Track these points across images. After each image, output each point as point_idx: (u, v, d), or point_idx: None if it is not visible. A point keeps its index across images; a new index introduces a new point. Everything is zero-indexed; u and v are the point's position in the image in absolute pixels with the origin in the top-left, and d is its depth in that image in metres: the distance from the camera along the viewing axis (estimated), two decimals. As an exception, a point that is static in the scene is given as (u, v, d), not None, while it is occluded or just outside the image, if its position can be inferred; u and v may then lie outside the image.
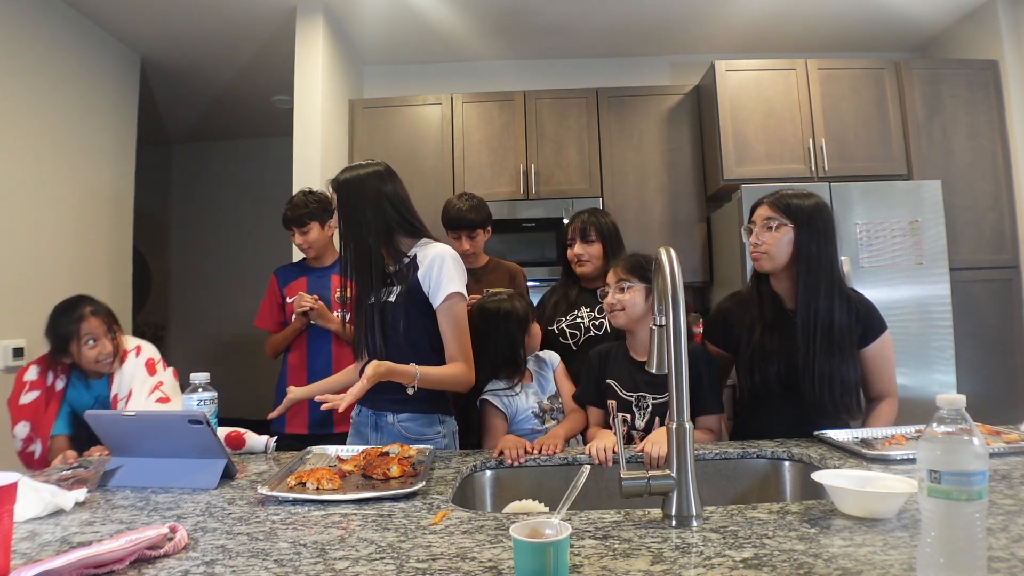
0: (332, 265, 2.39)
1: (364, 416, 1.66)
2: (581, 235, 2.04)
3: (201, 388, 1.48)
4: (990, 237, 3.21)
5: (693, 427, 1.03)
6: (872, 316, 1.60)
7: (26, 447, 1.79)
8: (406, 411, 1.59)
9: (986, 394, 3.06)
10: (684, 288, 1.05)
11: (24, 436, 1.78)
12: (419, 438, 1.57)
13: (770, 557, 0.82)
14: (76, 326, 1.78)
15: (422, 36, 3.59)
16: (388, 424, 1.59)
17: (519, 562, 0.76)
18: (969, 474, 0.69)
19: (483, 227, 2.34)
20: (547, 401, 1.77)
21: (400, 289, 1.59)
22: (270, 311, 2.38)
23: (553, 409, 1.76)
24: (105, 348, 1.81)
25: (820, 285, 1.55)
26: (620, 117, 3.53)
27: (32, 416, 1.78)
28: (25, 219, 2.74)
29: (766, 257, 1.59)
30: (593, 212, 2.10)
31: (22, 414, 1.78)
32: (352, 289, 1.66)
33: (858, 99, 3.29)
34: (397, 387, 1.52)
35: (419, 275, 1.59)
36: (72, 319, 1.78)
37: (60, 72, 2.97)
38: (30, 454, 1.79)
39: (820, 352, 1.52)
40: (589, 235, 2.03)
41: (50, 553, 0.91)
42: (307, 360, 2.29)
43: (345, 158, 3.52)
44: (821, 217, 1.58)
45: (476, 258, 2.38)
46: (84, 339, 1.78)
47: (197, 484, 1.24)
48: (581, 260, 2.04)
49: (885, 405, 1.60)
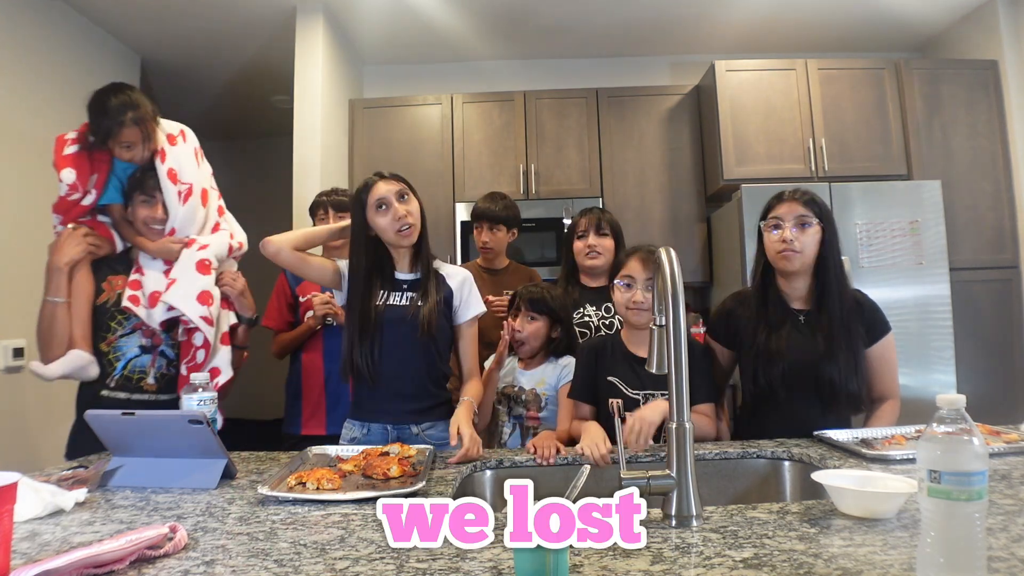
0: None
1: (376, 432, 1.61)
2: (596, 228, 2.04)
3: (201, 388, 1.48)
4: (990, 237, 3.21)
5: (693, 427, 1.03)
6: (877, 316, 1.61)
7: (71, 194, 1.68)
8: (427, 420, 1.61)
9: (986, 394, 3.06)
10: (684, 288, 1.05)
11: (70, 182, 1.66)
12: (443, 443, 1.56)
13: (770, 557, 0.82)
14: (118, 130, 1.67)
15: (422, 36, 3.59)
16: (413, 435, 1.59)
17: (519, 562, 0.76)
18: (969, 474, 0.69)
19: (504, 223, 2.35)
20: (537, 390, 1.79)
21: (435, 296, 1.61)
22: (279, 310, 2.31)
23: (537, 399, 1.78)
24: (138, 153, 1.71)
25: (842, 283, 1.57)
26: (620, 117, 3.53)
27: (76, 166, 1.67)
28: (25, 219, 2.74)
29: (799, 256, 1.54)
30: (603, 210, 2.15)
31: (66, 163, 1.67)
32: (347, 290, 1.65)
33: (858, 99, 3.30)
34: (417, 397, 1.59)
35: (453, 290, 1.66)
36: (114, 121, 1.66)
37: (60, 71, 2.97)
38: (73, 203, 1.69)
39: (849, 347, 1.53)
40: (603, 228, 2.04)
41: (50, 553, 0.90)
42: (323, 361, 2.23)
43: (345, 158, 3.52)
44: (832, 217, 1.61)
45: (498, 258, 2.40)
46: (122, 143, 1.69)
47: (197, 484, 1.24)
48: (594, 252, 2.02)
49: (887, 406, 1.60)
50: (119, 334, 1.67)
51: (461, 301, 1.66)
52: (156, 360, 1.70)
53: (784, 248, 1.54)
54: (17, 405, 2.65)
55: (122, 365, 1.66)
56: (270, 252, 1.59)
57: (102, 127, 1.67)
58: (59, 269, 1.60)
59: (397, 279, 1.65)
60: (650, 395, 1.59)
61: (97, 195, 1.71)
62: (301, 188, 3.13)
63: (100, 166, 1.71)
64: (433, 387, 1.63)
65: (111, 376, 1.65)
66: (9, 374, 2.62)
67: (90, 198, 1.70)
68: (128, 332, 1.67)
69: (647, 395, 1.59)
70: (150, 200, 1.71)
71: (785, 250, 1.54)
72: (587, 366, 1.67)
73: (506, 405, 1.80)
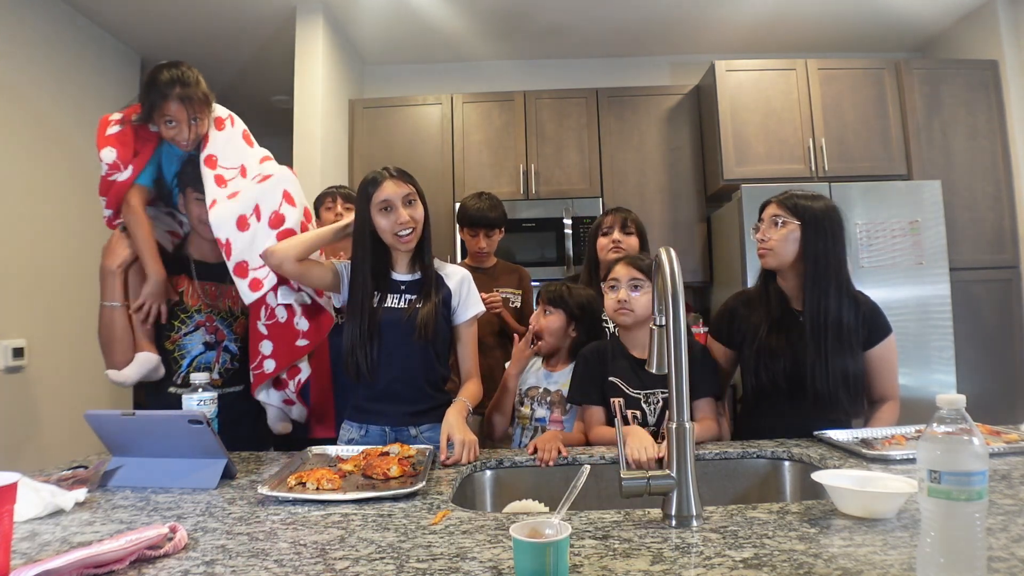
0: None
1: (374, 435, 1.61)
2: (621, 226, 2.05)
3: (201, 388, 1.48)
4: (990, 237, 3.21)
5: (693, 427, 1.03)
6: (878, 319, 1.61)
7: (111, 173, 1.65)
8: (426, 422, 1.61)
9: (986, 394, 3.06)
10: (684, 288, 1.05)
11: (110, 161, 1.64)
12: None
13: (770, 557, 0.82)
14: (162, 103, 1.64)
15: (422, 36, 3.59)
16: (411, 437, 1.59)
17: (519, 562, 0.76)
18: (969, 474, 0.69)
19: (500, 227, 2.39)
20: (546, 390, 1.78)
21: (433, 299, 1.60)
22: None
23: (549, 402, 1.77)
24: (182, 133, 1.67)
25: (829, 284, 1.56)
26: (620, 117, 3.53)
27: (119, 144, 1.65)
28: (25, 219, 2.74)
29: (771, 254, 1.62)
30: (628, 209, 2.14)
31: (108, 142, 1.65)
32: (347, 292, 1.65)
33: (858, 99, 3.30)
34: (414, 400, 1.59)
35: (451, 290, 1.65)
36: (159, 94, 1.63)
37: (60, 71, 2.97)
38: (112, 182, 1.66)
39: (831, 350, 1.53)
40: (628, 227, 2.06)
41: (50, 553, 0.90)
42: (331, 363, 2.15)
43: (345, 158, 3.52)
44: (829, 218, 1.60)
45: (488, 258, 2.43)
46: (165, 118, 1.65)
47: (197, 484, 1.24)
48: (619, 248, 2.01)
49: (887, 408, 1.61)
50: (183, 332, 1.67)
51: (460, 301, 1.66)
52: (220, 355, 1.71)
53: (759, 247, 1.65)
54: (17, 405, 2.65)
55: (187, 362, 1.66)
56: (273, 264, 1.59)
57: (148, 99, 1.65)
58: (112, 272, 1.60)
59: (394, 280, 1.64)
60: (651, 393, 1.60)
61: (134, 173, 1.66)
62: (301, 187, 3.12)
63: (145, 145, 1.69)
64: (431, 389, 1.63)
65: (177, 374, 1.66)
66: (9, 374, 2.62)
67: (126, 174, 1.65)
68: (192, 330, 1.67)
69: (648, 394, 1.60)
70: (203, 198, 1.67)
71: (759, 248, 1.65)
72: (592, 370, 1.67)
73: (530, 407, 1.78)
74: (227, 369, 1.72)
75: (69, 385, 2.87)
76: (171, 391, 1.64)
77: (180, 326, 1.68)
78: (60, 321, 2.80)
